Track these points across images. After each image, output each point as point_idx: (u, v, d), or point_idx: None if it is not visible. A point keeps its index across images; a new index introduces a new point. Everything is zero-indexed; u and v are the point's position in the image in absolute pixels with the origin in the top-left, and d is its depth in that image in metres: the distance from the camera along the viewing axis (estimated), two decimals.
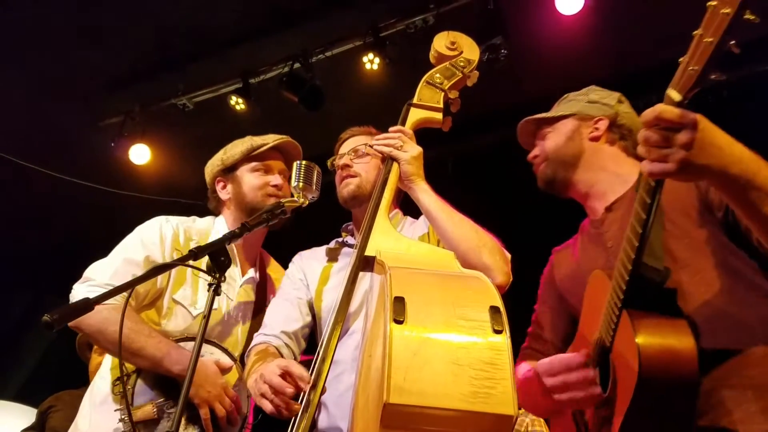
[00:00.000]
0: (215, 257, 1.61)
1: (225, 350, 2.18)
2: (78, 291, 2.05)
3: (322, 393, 1.39)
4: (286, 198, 2.04)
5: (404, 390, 1.06)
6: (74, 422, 2.16)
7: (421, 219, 2.13)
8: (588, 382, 1.49)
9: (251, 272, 2.34)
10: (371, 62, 4.51)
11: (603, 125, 1.88)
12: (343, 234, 2.19)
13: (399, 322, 1.13)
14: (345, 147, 2.20)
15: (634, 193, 1.34)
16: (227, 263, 1.62)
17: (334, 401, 1.75)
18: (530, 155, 2.00)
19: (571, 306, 1.81)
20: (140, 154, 5.39)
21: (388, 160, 1.85)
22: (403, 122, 1.95)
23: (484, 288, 1.28)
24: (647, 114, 1.21)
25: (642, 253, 1.33)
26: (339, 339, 1.44)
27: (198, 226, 2.34)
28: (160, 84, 5.20)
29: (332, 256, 2.12)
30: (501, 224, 1.96)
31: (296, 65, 4.76)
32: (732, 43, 1.12)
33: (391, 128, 1.91)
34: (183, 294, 2.18)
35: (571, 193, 1.92)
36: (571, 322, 1.79)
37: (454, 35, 2.11)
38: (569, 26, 4.11)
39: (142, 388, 2.01)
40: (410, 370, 1.08)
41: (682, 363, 1.31)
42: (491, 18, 4.08)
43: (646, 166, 1.24)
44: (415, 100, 1.98)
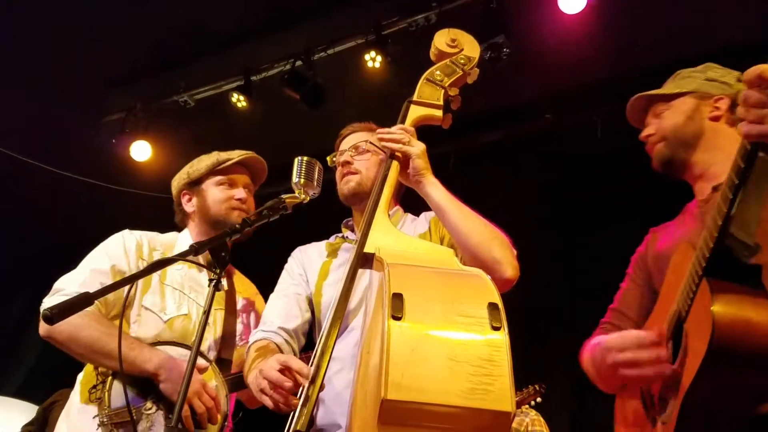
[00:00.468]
0: (216, 253, 1.63)
1: (200, 353, 2.18)
2: (48, 303, 2.09)
3: (321, 389, 1.39)
4: (251, 212, 2.15)
5: (402, 386, 1.06)
6: None
7: (422, 216, 2.12)
8: (659, 361, 1.45)
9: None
10: (373, 60, 4.51)
11: (724, 105, 1.80)
12: (344, 229, 2.18)
13: (397, 319, 1.13)
14: (345, 143, 2.19)
15: None
16: (227, 259, 1.64)
17: (333, 397, 1.75)
18: (643, 133, 1.92)
19: (658, 285, 1.75)
20: (142, 151, 5.39)
21: (389, 157, 1.84)
22: (403, 119, 1.94)
23: (483, 285, 1.28)
24: (749, 73, 1.16)
25: (729, 222, 1.28)
26: (338, 335, 1.44)
27: (161, 239, 2.40)
28: (162, 81, 5.20)
29: (332, 251, 2.12)
30: (502, 223, 1.95)
31: (298, 63, 4.76)
32: None
33: (394, 127, 1.90)
34: (152, 301, 2.22)
35: (686, 175, 1.85)
36: (656, 302, 1.73)
37: (455, 32, 2.10)
38: (571, 25, 4.10)
39: (118, 392, 2.02)
40: (408, 367, 1.08)
41: (757, 336, 1.26)
42: (493, 16, 4.08)
43: (743, 127, 1.19)
44: (415, 98, 1.97)
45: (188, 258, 1.67)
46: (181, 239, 2.41)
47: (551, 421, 3.71)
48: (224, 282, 2.35)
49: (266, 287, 2.58)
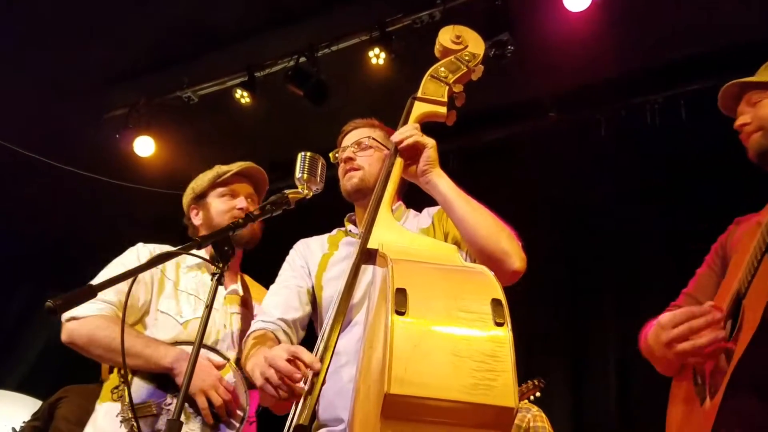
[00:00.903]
0: (219, 247, 1.64)
1: (216, 350, 2.28)
2: (72, 311, 2.14)
3: (323, 384, 1.39)
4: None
5: (405, 381, 1.06)
6: None
7: (425, 212, 2.12)
8: (713, 324, 1.43)
9: (234, 286, 2.48)
10: (377, 57, 4.51)
11: None
12: (346, 223, 2.18)
13: (400, 314, 1.13)
14: (348, 139, 2.19)
15: None
16: (231, 253, 1.64)
17: (336, 392, 1.75)
18: (738, 122, 1.86)
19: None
20: (145, 147, 5.40)
21: (392, 153, 1.84)
22: (407, 115, 1.94)
23: (487, 281, 1.28)
24: None
25: None
26: (341, 330, 1.44)
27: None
28: (166, 77, 5.21)
29: (333, 244, 2.12)
30: (504, 220, 1.95)
31: (302, 59, 4.76)
32: None
33: (404, 127, 1.90)
34: (168, 305, 2.31)
35: None
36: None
37: (460, 29, 2.09)
38: (576, 23, 4.10)
39: (139, 389, 2.13)
40: (411, 362, 1.08)
41: None
42: (498, 14, 4.08)
43: None
44: (420, 94, 1.96)
45: (191, 252, 1.68)
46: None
47: (552, 416, 3.71)
48: (239, 287, 2.48)
49: (269, 282, 2.59)
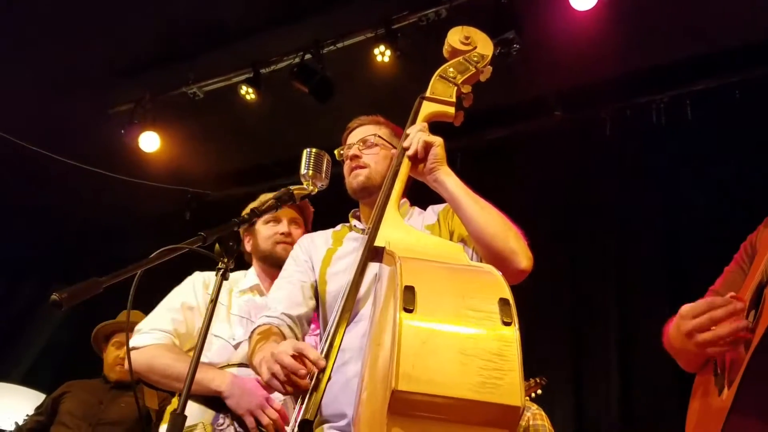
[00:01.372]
0: (224, 242, 1.64)
1: None
2: (131, 342, 2.34)
3: (329, 380, 1.39)
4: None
5: (412, 378, 1.07)
6: None
7: (430, 209, 2.12)
8: (735, 313, 1.41)
9: None
10: (382, 54, 4.50)
11: None
12: (351, 219, 2.18)
13: (409, 311, 1.13)
14: (353, 137, 2.18)
15: None
16: (236, 248, 1.65)
17: (341, 387, 1.75)
18: None
19: None
20: (150, 142, 5.40)
21: (400, 152, 1.85)
22: (416, 115, 1.94)
23: (494, 281, 1.28)
24: None
25: None
26: (346, 326, 1.44)
27: (230, 276, 2.57)
28: (171, 72, 5.21)
29: (338, 240, 2.12)
30: (509, 219, 1.95)
31: (307, 56, 4.76)
32: None
33: (410, 128, 1.90)
34: (221, 329, 2.41)
35: None
36: None
37: (468, 30, 2.10)
38: (582, 22, 4.09)
39: (193, 409, 2.19)
40: (419, 359, 1.08)
41: None
42: (504, 12, 4.07)
43: None
44: (428, 94, 1.96)
45: (195, 248, 1.68)
46: (248, 276, 2.62)
47: (554, 416, 3.71)
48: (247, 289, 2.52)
49: None
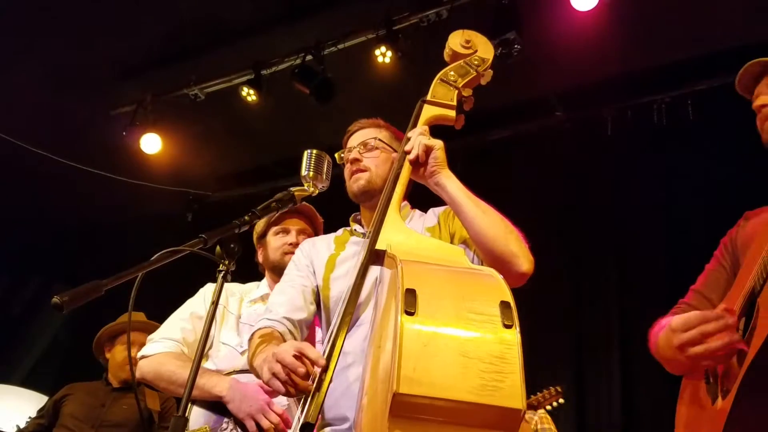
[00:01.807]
0: (225, 244, 1.64)
1: None
2: (142, 351, 2.45)
3: (330, 383, 1.39)
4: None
5: (414, 380, 1.07)
6: None
7: (430, 212, 2.12)
8: (727, 329, 1.40)
9: None
10: (383, 55, 4.50)
11: None
12: (352, 223, 2.18)
13: (410, 314, 1.13)
14: (353, 140, 2.18)
15: None
16: (237, 250, 1.64)
17: (343, 391, 1.75)
18: (757, 102, 1.79)
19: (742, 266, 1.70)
20: (151, 144, 5.41)
21: (401, 156, 1.85)
22: (417, 119, 1.95)
23: (495, 283, 1.28)
24: None
25: None
26: (348, 330, 1.44)
27: (240, 287, 2.69)
28: (172, 74, 5.21)
29: (340, 244, 2.12)
30: (510, 220, 1.94)
31: (308, 57, 4.76)
32: None
33: (411, 132, 1.91)
34: (229, 336, 2.45)
35: None
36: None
37: (469, 34, 2.10)
38: (583, 22, 4.09)
39: (197, 414, 2.27)
40: (420, 361, 1.09)
41: None
42: (505, 13, 4.07)
43: None
44: (429, 97, 1.96)
45: (196, 250, 1.68)
46: (260, 286, 2.65)
47: (556, 418, 3.71)
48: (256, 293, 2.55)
49: None
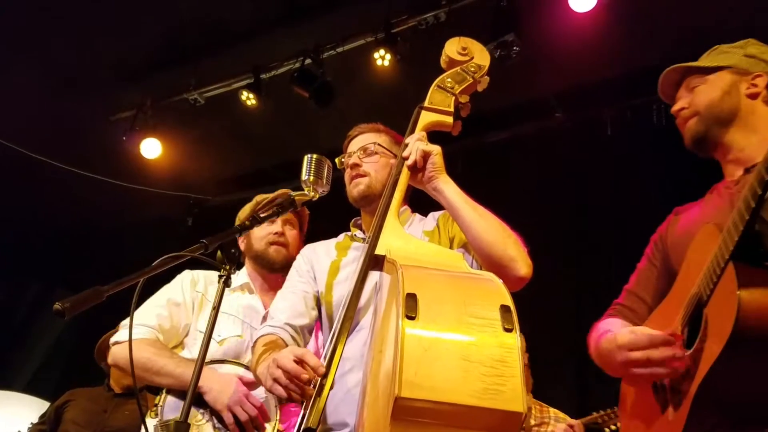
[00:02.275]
0: (226, 249, 1.65)
1: (248, 367, 2.32)
2: (115, 338, 2.42)
3: (331, 388, 1.39)
4: (291, 245, 2.52)
5: (415, 384, 1.07)
6: None
7: (430, 216, 2.13)
8: (673, 359, 1.42)
9: None
10: (382, 58, 4.50)
11: (762, 82, 1.74)
12: (353, 228, 2.19)
13: (411, 319, 1.14)
14: (353, 145, 2.19)
15: None
16: (237, 255, 1.65)
17: (342, 396, 1.75)
18: (675, 107, 1.84)
19: (676, 265, 1.70)
20: (151, 148, 5.42)
21: (399, 161, 1.86)
22: (414, 125, 1.96)
23: (495, 288, 1.29)
24: None
25: (762, 204, 1.24)
26: (348, 335, 1.44)
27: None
28: (172, 78, 5.22)
29: (341, 250, 2.13)
30: (509, 221, 1.95)
31: (307, 61, 4.77)
32: None
33: (409, 138, 1.92)
34: (206, 325, 2.33)
35: (717, 154, 1.78)
36: (672, 284, 1.68)
37: (465, 41, 2.12)
38: (582, 23, 4.09)
39: (172, 405, 2.24)
40: (422, 366, 1.09)
41: None
42: (503, 15, 4.07)
43: None
44: (427, 104, 1.98)
45: (198, 255, 1.68)
46: (239, 274, 2.60)
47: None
48: (258, 297, 2.53)
49: None
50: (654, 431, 1.56)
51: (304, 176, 1.96)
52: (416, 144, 1.83)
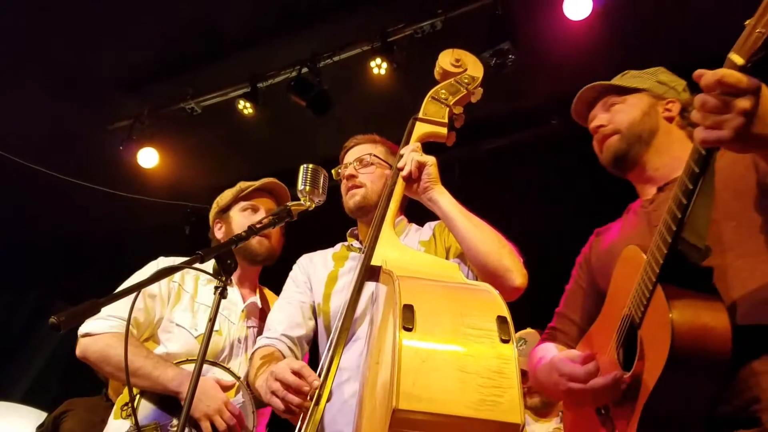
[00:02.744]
0: (222, 260, 1.64)
1: (227, 369, 2.27)
2: (85, 327, 2.24)
3: (328, 399, 1.39)
4: (274, 237, 2.41)
5: (413, 396, 1.07)
6: None
7: (426, 226, 2.14)
8: (612, 390, 1.45)
9: (253, 298, 2.48)
10: (379, 67, 4.51)
11: (675, 108, 1.80)
12: (349, 239, 2.19)
13: (408, 330, 1.14)
14: (350, 156, 2.20)
15: None
16: (234, 266, 1.65)
17: (339, 407, 1.75)
18: (594, 124, 1.87)
19: (602, 286, 1.74)
20: (148, 158, 5.41)
21: (394, 172, 1.86)
22: (409, 136, 1.98)
23: (491, 299, 1.30)
24: (708, 77, 1.12)
25: (683, 227, 1.27)
26: (344, 346, 1.44)
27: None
28: (169, 88, 5.23)
29: (338, 260, 2.13)
30: (507, 229, 1.95)
31: (304, 70, 4.78)
32: None
33: (404, 149, 1.92)
34: (183, 317, 2.32)
35: (633, 174, 1.83)
36: (601, 305, 1.72)
37: (459, 53, 2.14)
38: (577, 31, 4.10)
39: (146, 409, 2.14)
40: (419, 377, 1.09)
41: (716, 342, 1.27)
42: (499, 23, 4.08)
43: (700, 134, 1.17)
44: (421, 115, 2.00)
45: (195, 266, 1.68)
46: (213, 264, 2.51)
47: None
48: (258, 300, 2.49)
49: (273, 292, 2.60)
50: None
51: (300, 186, 1.97)
52: (411, 155, 1.84)
